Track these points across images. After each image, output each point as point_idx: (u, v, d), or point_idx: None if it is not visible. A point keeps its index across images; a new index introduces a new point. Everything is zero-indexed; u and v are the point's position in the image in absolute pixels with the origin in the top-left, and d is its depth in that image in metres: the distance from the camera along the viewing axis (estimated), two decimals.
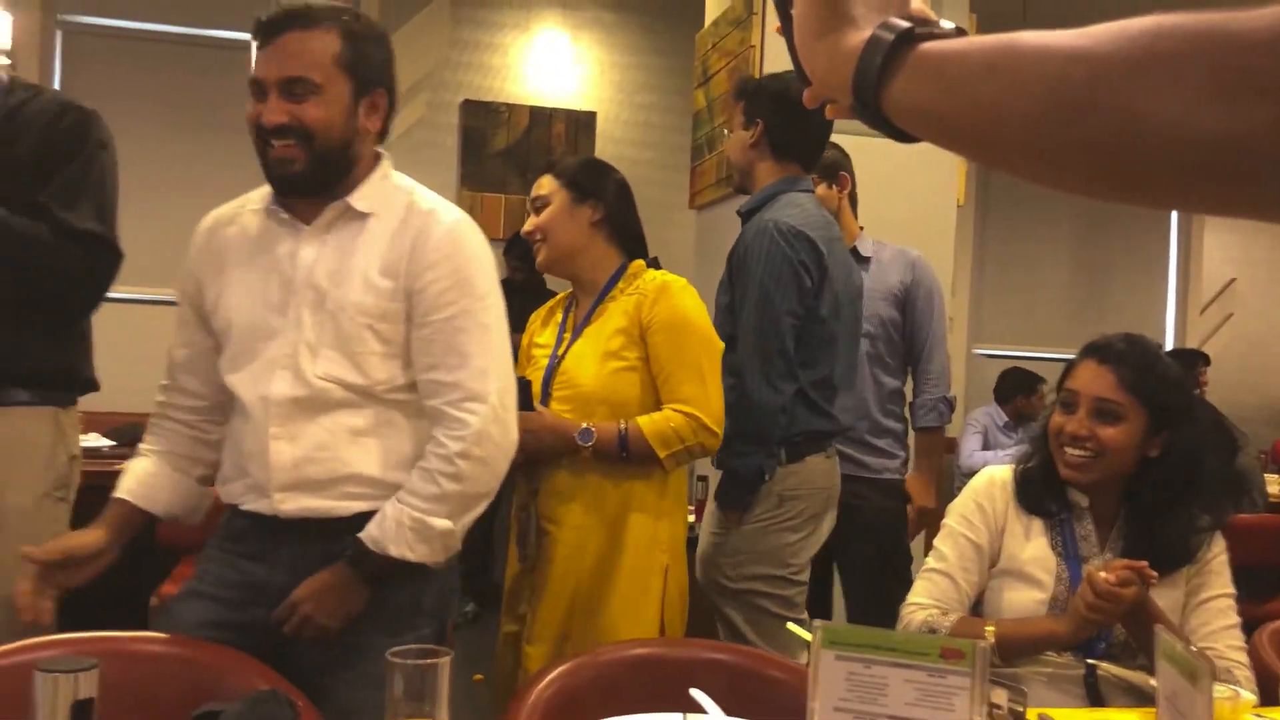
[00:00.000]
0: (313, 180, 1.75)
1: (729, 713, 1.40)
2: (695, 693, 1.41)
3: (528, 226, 2.28)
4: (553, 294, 2.51)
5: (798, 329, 2.42)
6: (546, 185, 2.28)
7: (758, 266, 2.42)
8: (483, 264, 1.81)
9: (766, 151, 2.58)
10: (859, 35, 0.70)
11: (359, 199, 1.78)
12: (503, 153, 5.84)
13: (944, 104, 0.63)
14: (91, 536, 1.77)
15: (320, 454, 1.74)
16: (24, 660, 1.45)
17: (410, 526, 1.72)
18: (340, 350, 1.74)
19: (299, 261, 1.77)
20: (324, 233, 1.78)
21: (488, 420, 1.75)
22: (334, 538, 1.75)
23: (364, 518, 1.75)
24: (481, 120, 5.82)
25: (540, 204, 2.27)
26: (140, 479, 1.86)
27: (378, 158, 1.84)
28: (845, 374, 2.59)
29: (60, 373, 2.08)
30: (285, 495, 1.75)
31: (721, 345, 2.25)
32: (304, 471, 1.74)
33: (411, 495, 1.73)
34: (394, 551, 1.71)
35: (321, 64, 1.71)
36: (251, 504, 1.78)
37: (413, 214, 1.79)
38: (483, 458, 1.75)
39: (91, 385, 2.16)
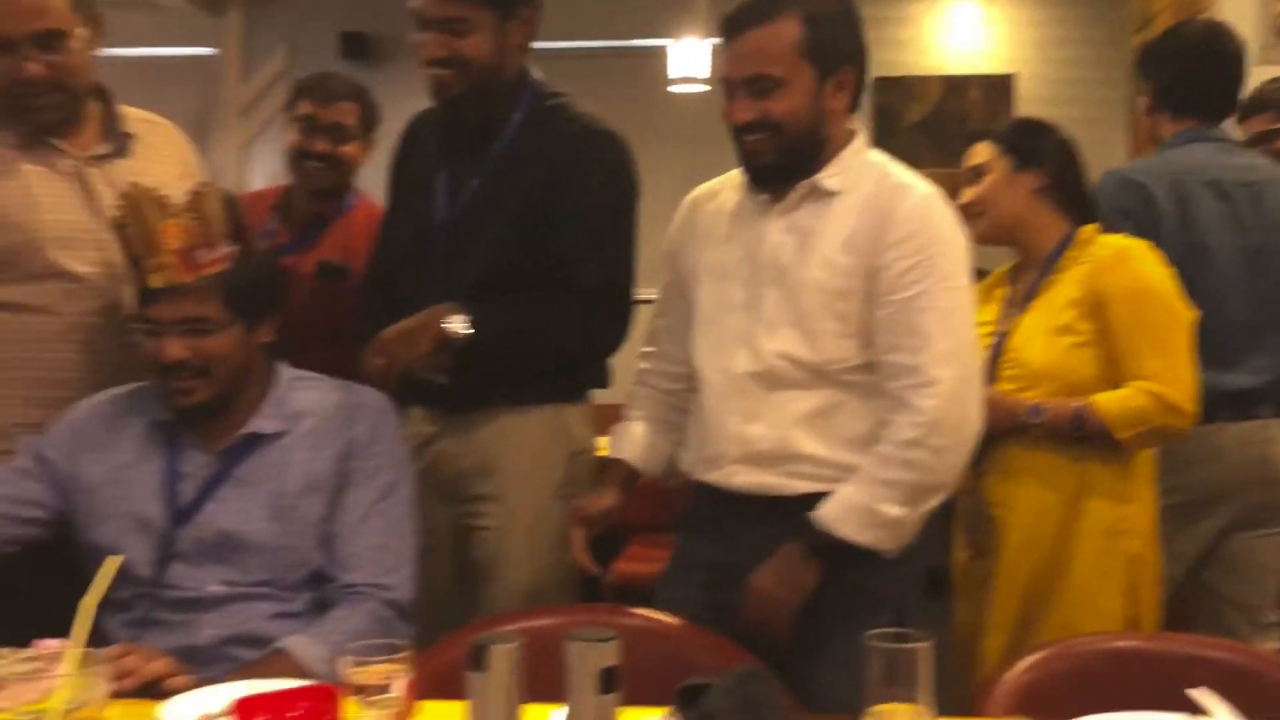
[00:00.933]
0: (784, 169, 1.79)
1: None
2: (1199, 693, 1.28)
3: (965, 198, 2.18)
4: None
5: None
6: (983, 153, 2.18)
7: None
8: (951, 243, 1.76)
9: (1162, 112, 2.45)
10: None
11: (827, 177, 1.79)
12: (916, 126, 5.73)
13: None
14: (608, 496, 1.95)
15: (770, 431, 1.78)
16: (527, 625, 1.60)
17: (860, 509, 1.71)
18: (797, 328, 1.76)
19: (765, 240, 1.81)
20: (791, 211, 1.81)
21: (945, 408, 1.70)
22: (787, 517, 1.78)
23: (814, 499, 1.76)
24: (893, 96, 5.73)
25: (977, 173, 2.18)
26: (634, 440, 1.99)
27: (851, 134, 1.84)
28: (1243, 334, 2.34)
29: (564, 374, 2.14)
30: (737, 468, 1.80)
31: (1192, 315, 2.05)
32: (755, 447, 1.78)
33: (866, 479, 1.72)
34: (843, 533, 1.71)
35: (782, 57, 1.73)
36: (705, 474, 1.85)
37: (881, 190, 1.77)
38: (939, 447, 1.70)
39: (601, 380, 2.19)
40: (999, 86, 5.72)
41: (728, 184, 1.92)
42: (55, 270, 1.93)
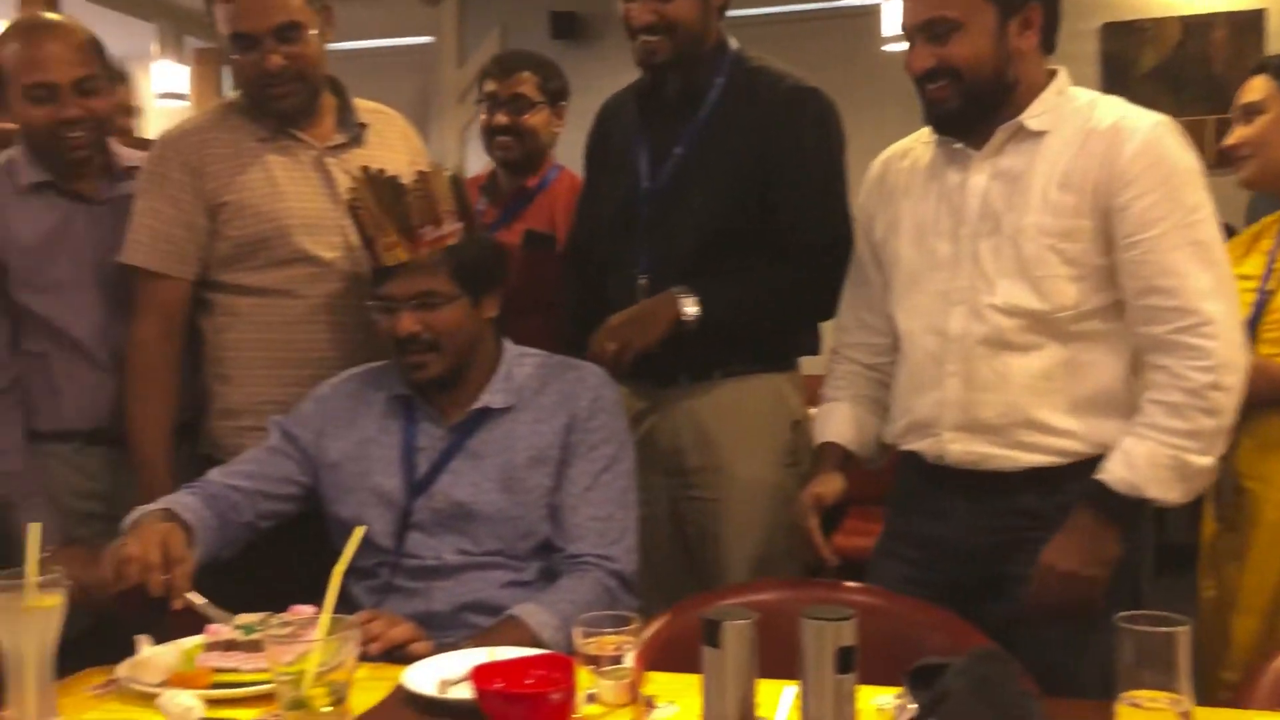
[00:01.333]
0: (967, 116, 1.72)
1: None
2: None
3: (1233, 139, 2.03)
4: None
5: None
6: (1259, 89, 2.01)
7: None
8: (1191, 171, 1.65)
9: None
10: None
11: (1031, 117, 1.71)
12: (1151, 74, 5.36)
13: None
14: (837, 481, 1.87)
15: (994, 396, 1.69)
16: (750, 600, 1.60)
17: (1167, 465, 1.60)
18: (1021, 276, 1.68)
19: (970, 189, 1.73)
20: (994, 155, 1.72)
21: (1227, 346, 1.60)
22: (1007, 493, 1.70)
23: (1039, 474, 1.68)
24: (1124, 42, 5.38)
25: (1250, 112, 2.00)
26: (842, 421, 1.93)
27: (1051, 74, 1.75)
28: None
29: (779, 341, 2.14)
30: (955, 436, 1.72)
31: None
32: (976, 413, 1.71)
33: (1161, 431, 1.61)
34: (1151, 493, 1.61)
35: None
36: (915, 443, 1.78)
37: (1098, 125, 1.68)
38: (1230, 387, 1.60)
39: (813, 347, 2.18)
40: (1247, 24, 5.26)
41: (917, 141, 1.86)
42: (301, 255, 2.04)
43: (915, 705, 1.17)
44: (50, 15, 2.31)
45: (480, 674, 1.24)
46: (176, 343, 2.07)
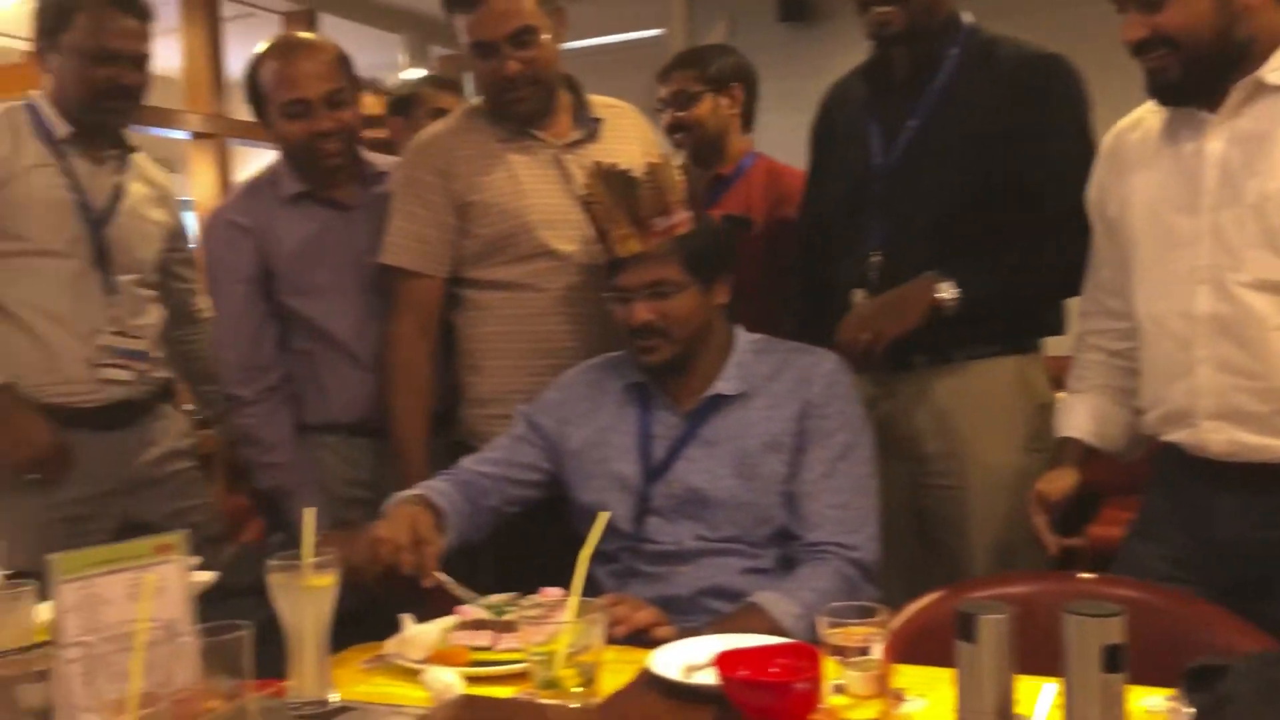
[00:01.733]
0: (1191, 84, 1.60)
1: None
2: None
3: None
4: None
5: None
6: None
7: None
8: None
9: None
10: None
11: (1272, 71, 1.57)
12: None
13: None
14: (1067, 477, 1.80)
15: (1252, 382, 1.56)
16: (1000, 592, 1.53)
17: None
18: (1270, 248, 1.54)
19: (1206, 155, 1.61)
20: (1233, 118, 1.59)
21: None
22: (1278, 486, 1.57)
23: None
24: None
25: None
26: (1085, 415, 1.84)
27: None
28: None
29: (1020, 318, 2.06)
30: (1214, 426, 1.60)
31: None
32: (1233, 400, 1.58)
33: None
34: None
35: None
36: (1172, 434, 1.67)
37: None
38: None
39: (1053, 327, 2.10)
40: None
41: (1150, 110, 1.73)
42: (542, 250, 2.11)
43: (1191, 709, 1.09)
44: (302, 34, 2.50)
45: (725, 660, 1.24)
46: (431, 337, 2.18)
